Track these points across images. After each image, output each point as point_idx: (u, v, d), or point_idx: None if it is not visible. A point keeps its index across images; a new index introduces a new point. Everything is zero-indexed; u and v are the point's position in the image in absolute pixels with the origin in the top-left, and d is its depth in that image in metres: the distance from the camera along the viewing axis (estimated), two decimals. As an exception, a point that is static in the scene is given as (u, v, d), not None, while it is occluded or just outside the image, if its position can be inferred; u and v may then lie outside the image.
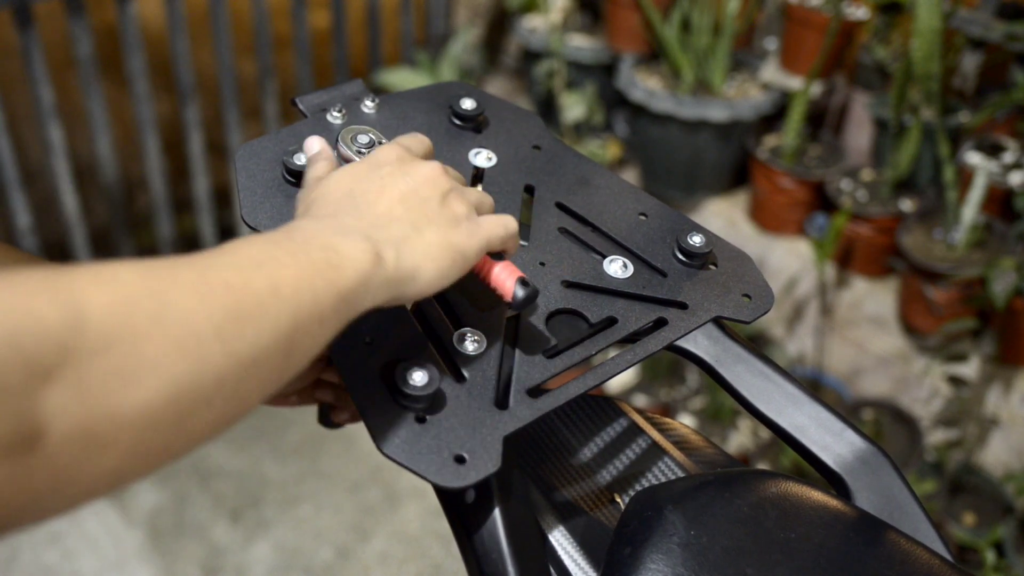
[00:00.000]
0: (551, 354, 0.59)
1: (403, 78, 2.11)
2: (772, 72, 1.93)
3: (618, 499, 0.64)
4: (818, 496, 0.56)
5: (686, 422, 1.72)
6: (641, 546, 0.52)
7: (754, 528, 0.53)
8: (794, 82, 1.88)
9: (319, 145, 0.59)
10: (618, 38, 2.03)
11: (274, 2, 2.30)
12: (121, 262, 0.38)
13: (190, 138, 1.97)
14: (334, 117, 0.69)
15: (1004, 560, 1.52)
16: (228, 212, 2.24)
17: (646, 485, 0.64)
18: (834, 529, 0.54)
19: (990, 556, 1.49)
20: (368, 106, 0.71)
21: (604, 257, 0.66)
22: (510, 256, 0.58)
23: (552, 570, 0.59)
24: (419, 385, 0.52)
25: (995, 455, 1.67)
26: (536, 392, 0.56)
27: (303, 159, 0.63)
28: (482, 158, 0.72)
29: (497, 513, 0.53)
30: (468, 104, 0.73)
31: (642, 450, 0.67)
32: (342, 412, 0.77)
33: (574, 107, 2.05)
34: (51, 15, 2.33)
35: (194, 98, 1.91)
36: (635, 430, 0.69)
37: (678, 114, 1.89)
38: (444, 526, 1.88)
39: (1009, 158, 1.68)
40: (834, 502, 0.56)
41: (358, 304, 0.48)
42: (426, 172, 0.55)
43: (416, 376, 0.52)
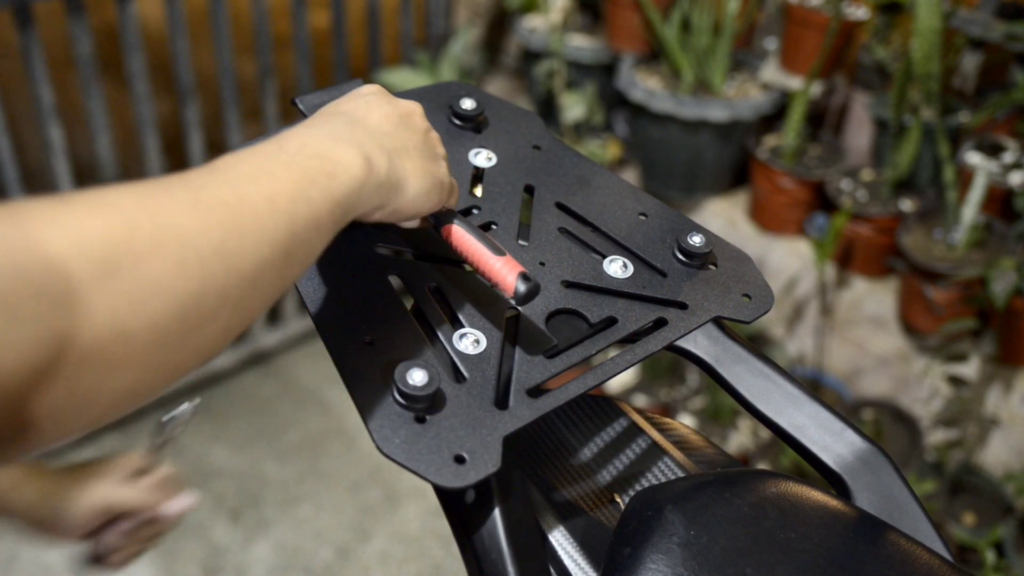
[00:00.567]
0: (551, 354, 0.59)
1: (403, 78, 2.11)
2: (772, 72, 1.93)
3: (618, 499, 0.64)
4: (818, 496, 0.56)
5: (686, 422, 1.72)
6: (641, 546, 0.52)
7: (754, 528, 0.53)
8: (794, 82, 1.87)
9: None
10: (618, 38, 2.03)
11: (274, 2, 2.30)
12: (117, 187, 0.39)
13: (190, 138, 1.97)
14: None
15: (1004, 560, 1.52)
16: (228, 212, 2.23)
17: (646, 485, 0.64)
18: (834, 529, 0.54)
19: (990, 556, 1.49)
20: None
21: (604, 257, 0.66)
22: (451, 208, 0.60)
23: (552, 570, 0.59)
24: (419, 385, 0.52)
25: (995, 455, 1.67)
26: (536, 392, 0.56)
27: None
28: (482, 158, 0.72)
29: (497, 513, 0.53)
30: (468, 104, 0.73)
31: (642, 450, 0.67)
32: (120, 554, 0.81)
33: (574, 107, 2.05)
34: (51, 15, 2.33)
35: (194, 98, 1.91)
36: (635, 430, 0.69)
37: (678, 114, 1.89)
38: (444, 526, 1.88)
39: (1009, 158, 1.68)
40: (834, 502, 0.56)
41: (352, 209, 0.49)
42: (410, 107, 0.59)
43: (416, 376, 0.52)
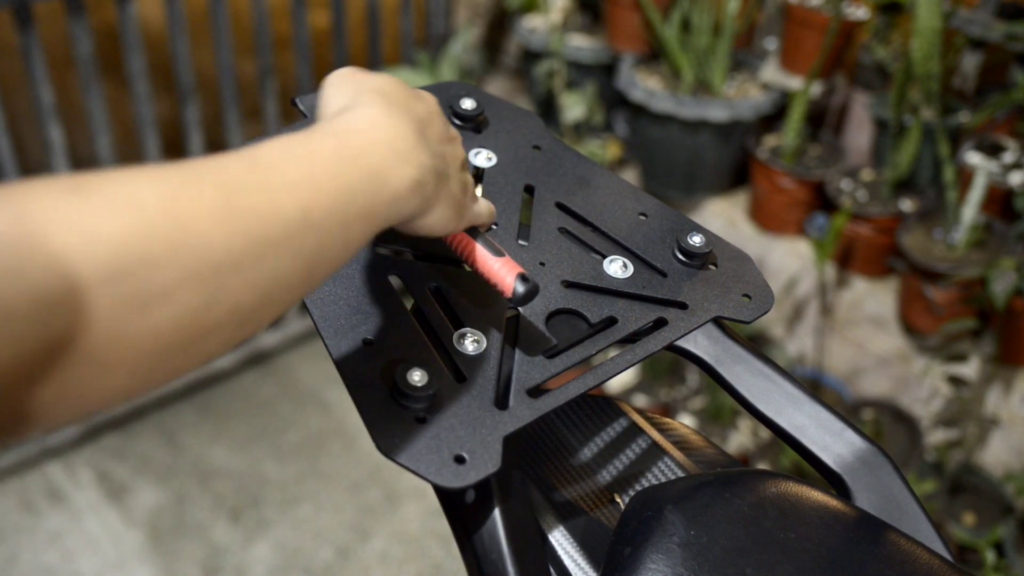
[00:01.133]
0: (551, 354, 0.59)
1: (403, 78, 2.10)
2: (772, 72, 1.93)
3: (618, 499, 0.64)
4: (818, 496, 0.56)
5: (686, 422, 1.72)
6: (641, 546, 0.52)
7: (754, 528, 0.53)
8: (794, 82, 1.87)
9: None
10: (618, 38, 2.03)
11: (274, 2, 2.30)
12: (143, 175, 0.36)
13: (190, 138, 1.97)
14: None
15: (1004, 560, 1.52)
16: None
17: (646, 485, 0.64)
18: (834, 529, 0.54)
19: (990, 556, 1.49)
20: None
21: (604, 257, 0.66)
22: (484, 229, 0.59)
23: (552, 570, 0.59)
24: (419, 385, 0.52)
25: (995, 455, 1.67)
26: (536, 392, 0.56)
27: None
28: (482, 158, 0.72)
29: (497, 513, 0.53)
30: (468, 104, 0.73)
31: (642, 450, 0.67)
32: None
33: (574, 107, 2.05)
34: (51, 15, 2.32)
35: (194, 98, 1.91)
36: (635, 430, 0.69)
37: (678, 114, 1.89)
38: (444, 526, 1.88)
39: (1009, 158, 1.68)
40: (834, 502, 0.56)
41: (382, 225, 0.47)
42: (455, 132, 0.56)
43: (416, 376, 0.52)
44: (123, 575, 1.76)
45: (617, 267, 0.65)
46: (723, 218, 2.03)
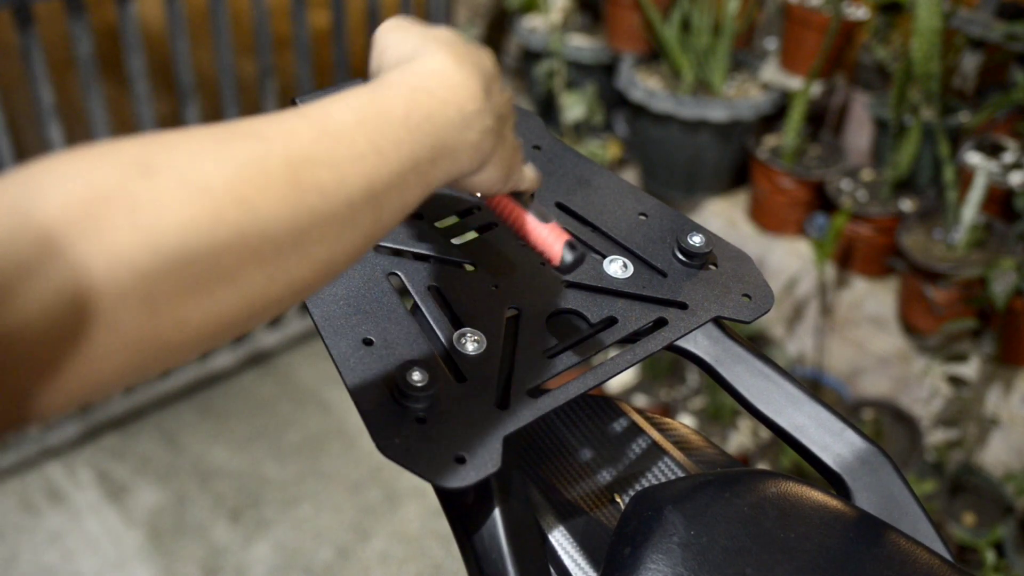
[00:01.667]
0: (551, 354, 0.59)
1: (403, 78, 2.10)
2: (772, 72, 1.93)
3: (618, 499, 0.64)
4: (818, 496, 0.56)
5: (686, 422, 1.72)
6: (641, 546, 0.52)
7: (754, 528, 0.53)
8: (794, 82, 1.87)
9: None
10: (618, 38, 2.03)
11: (274, 2, 2.30)
12: (208, 151, 0.35)
13: (190, 138, 1.96)
14: None
15: (1004, 560, 1.52)
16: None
17: (646, 485, 0.64)
18: (834, 529, 0.54)
19: (990, 556, 1.49)
20: None
21: (604, 257, 0.66)
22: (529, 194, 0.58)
23: (552, 570, 0.59)
24: (419, 385, 0.52)
25: (995, 455, 1.67)
26: (536, 392, 0.56)
27: None
28: (482, 158, 0.72)
29: (497, 513, 0.53)
30: (468, 104, 0.73)
31: (642, 450, 0.67)
32: None
33: (574, 107, 2.05)
34: (51, 15, 2.33)
35: (194, 98, 1.91)
36: (635, 430, 0.69)
37: (678, 114, 1.89)
38: (444, 526, 1.88)
39: (1009, 158, 1.68)
40: (834, 502, 0.56)
41: (436, 188, 0.46)
42: (510, 93, 0.54)
43: (416, 376, 0.52)
44: (123, 575, 1.76)
45: (617, 267, 0.65)
46: (723, 218, 2.03)
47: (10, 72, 2.58)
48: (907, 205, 1.78)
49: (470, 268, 0.64)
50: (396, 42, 0.50)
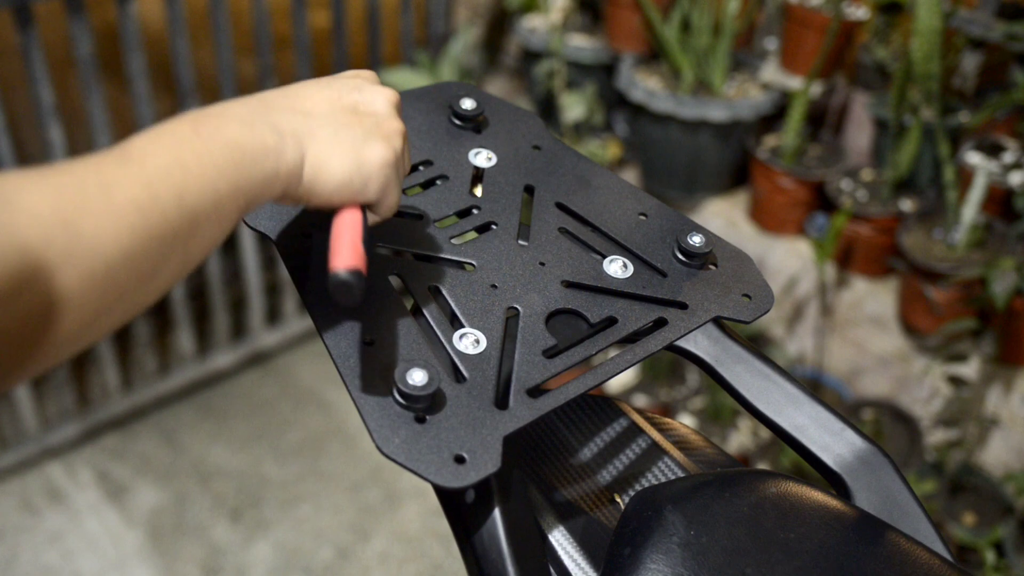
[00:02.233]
0: (551, 354, 0.59)
1: (403, 78, 2.11)
2: (772, 72, 1.93)
3: (618, 499, 0.64)
4: (818, 496, 0.56)
5: (686, 422, 1.72)
6: (641, 546, 0.52)
7: (754, 528, 0.53)
8: (794, 82, 1.87)
9: None
10: (618, 38, 2.03)
11: (274, 2, 2.30)
12: (32, 183, 0.39)
13: (190, 138, 1.96)
14: None
15: (1004, 560, 1.52)
16: (228, 212, 2.24)
17: (646, 485, 0.64)
18: (834, 529, 0.54)
19: (990, 556, 1.49)
20: None
21: (604, 257, 0.66)
22: (381, 218, 0.57)
23: (552, 570, 0.59)
24: (419, 385, 0.52)
25: (995, 455, 1.67)
26: (536, 392, 0.56)
27: None
28: (482, 158, 0.72)
29: (497, 513, 0.53)
30: (468, 104, 0.73)
31: (642, 450, 0.67)
32: None
33: (574, 107, 2.05)
34: (51, 15, 2.32)
35: (194, 98, 1.91)
36: (635, 430, 0.69)
37: (678, 114, 1.89)
38: (444, 526, 1.88)
39: (1009, 158, 1.68)
40: (834, 502, 0.56)
41: (257, 198, 0.49)
42: (373, 97, 0.56)
43: (416, 376, 0.52)
44: (123, 575, 1.76)
45: (617, 267, 0.65)
46: (723, 218, 2.03)
47: (10, 72, 2.58)
48: (907, 205, 1.78)
49: (470, 268, 0.64)
50: None
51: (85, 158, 0.43)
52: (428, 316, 0.59)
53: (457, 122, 0.74)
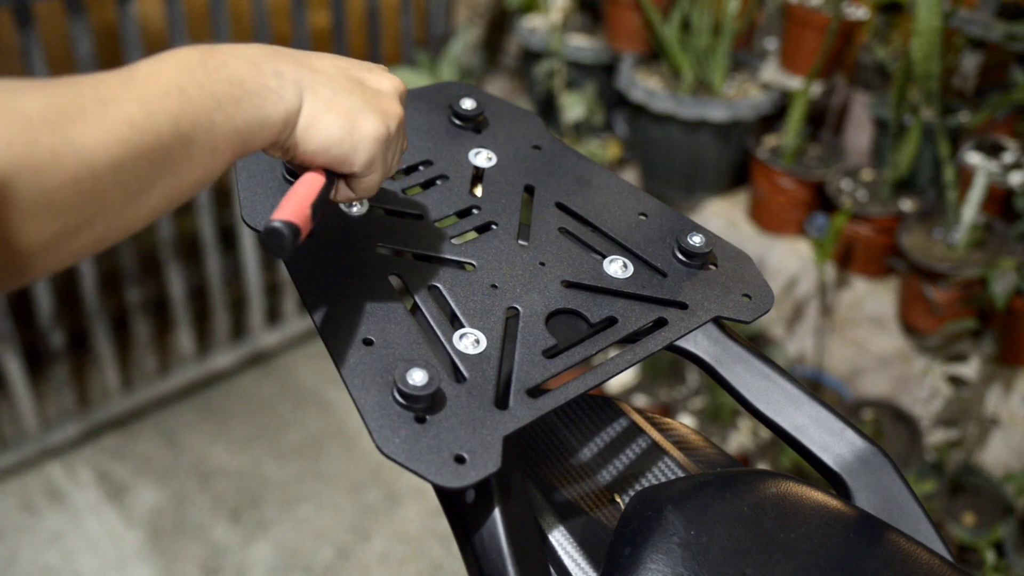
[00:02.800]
0: (551, 354, 0.59)
1: (403, 78, 2.11)
2: (772, 72, 1.93)
3: (618, 499, 0.64)
4: (818, 496, 0.56)
5: (686, 422, 1.72)
6: (641, 546, 0.52)
7: (754, 528, 0.53)
8: (794, 82, 1.87)
9: None
10: (618, 38, 2.03)
11: (274, 2, 2.30)
12: (29, 87, 0.40)
13: (190, 138, 1.96)
14: None
15: (1004, 560, 1.52)
16: (228, 212, 2.24)
17: (646, 485, 0.64)
18: (834, 529, 0.54)
19: (990, 556, 1.49)
20: None
21: (604, 257, 0.66)
22: (358, 194, 0.57)
23: (552, 570, 0.59)
24: (419, 385, 0.52)
25: (995, 455, 1.67)
26: (536, 392, 0.56)
27: None
28: (482, 158, 0.72)
29: (497, 513, 0.53)
30: (468, 104, 0.73)
31: (642, 450, 0.67)
32: None
33: (574, 107, 2.05)
34: (51, 15, 2.33)
35: (194, 98, 1.91)
36: (635, 430, 0.69)
37: (678, 114, 1.89)
38: (444, 526, 1.88)
39: (1009, 158, 1.68)
40: (834, 502, 0.56)
41: (252, 140, 0.49)
42: (382, 81, 0.57)
43: (416, 376, 0.52)
44: (123, 575, 1.76)
45: (617, 267, 0.65)
46: (723, 218, 2.03)
47: (10, 72, 2.58)
48: (907, 205, 1.78)
49: (470, 268, 0.64)
50: None
51: (92, 74, 0.44)
52: (428, 316, 0.59)
53: (457, 122, 0.74)
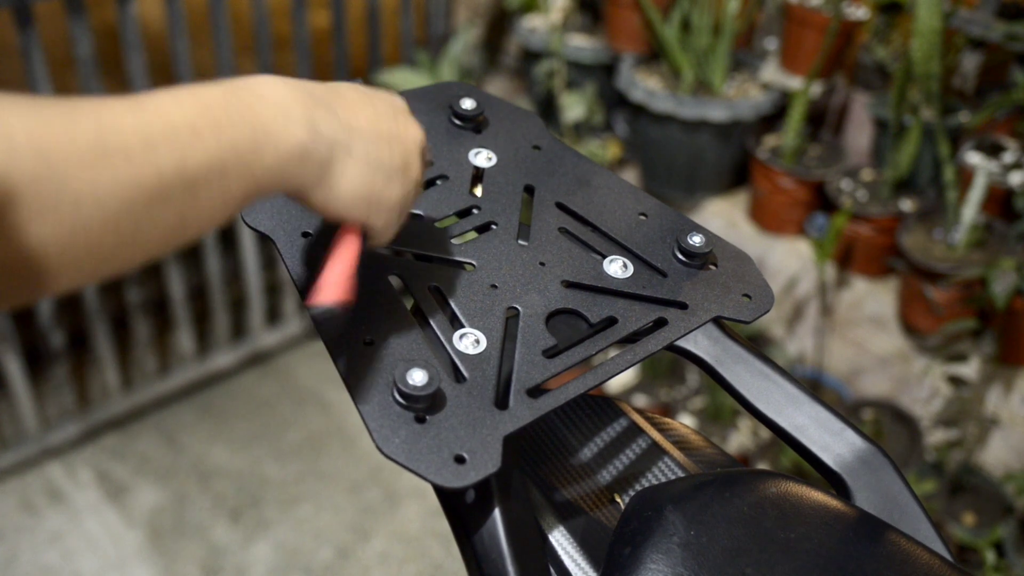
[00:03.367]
0: (551, 354, 0.59)
1: (403, 78, 2.11)
2: (772, 72, 1.93)
3: (618, 499, 0.64)
4: (818, 496, 0.56)
5: (686, 422, 1.72)
6: (641, 546, 0.52)
7: (754, 528, 0.53)
8: (794, 82, 1.87)
9: None
10: (618, 38, 2.03)
11: (274, 2, 2.30)
12: (19, 105, 0.36)
13: (190, 138, 1.96)
14: None
15: (1004, 560, 1.52)
16: (228, 212, 2.24)
17: (646, 485, 0.64)
18: (834, 529, 0.54)
19: (990, 556, 1.49)
20: None
21: (604, 257, 0.66)
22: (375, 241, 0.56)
23: (552, 570, 0.59)
24: (419, 385, 0.52)
25: (995, 455, 1.67)
26: (536, 392, 0.56)
27: None
28: (482, 158, 0.72)
29: (497, 513, 0.53)
30: (468, 104, 0.73)
31: (642, 450, 0.67)
32: None
33: (574, 107, 2.05)
34: (51, 15, 2.32)
35: (194, 98, 1.91)
36: (635, 430, 0.69)
37: (678, 114, 1.89)
38: (444, 526, 1.88)
39: (1009, 158, 1.68)
40: (834, 502, 0.56)
41: (269, 189, 0.46)
42: (410, 132, 0.55)
43: (416, 376, 0.52)
44: (123, 575, 1.76)
45: (617, 267, 0.65)
46: (723, 218, 2.03)
47: (10, 72, 2.58)
48: (907, 205, 1.78)
49: (470, 268, 0.64)
50: None
51: (100, 98, 0.40)
52: (428, 316, 0.59)
53: (457, 122, 0.74)
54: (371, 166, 0.51)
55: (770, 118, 1.98)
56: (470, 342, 0.58)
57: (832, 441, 0.60)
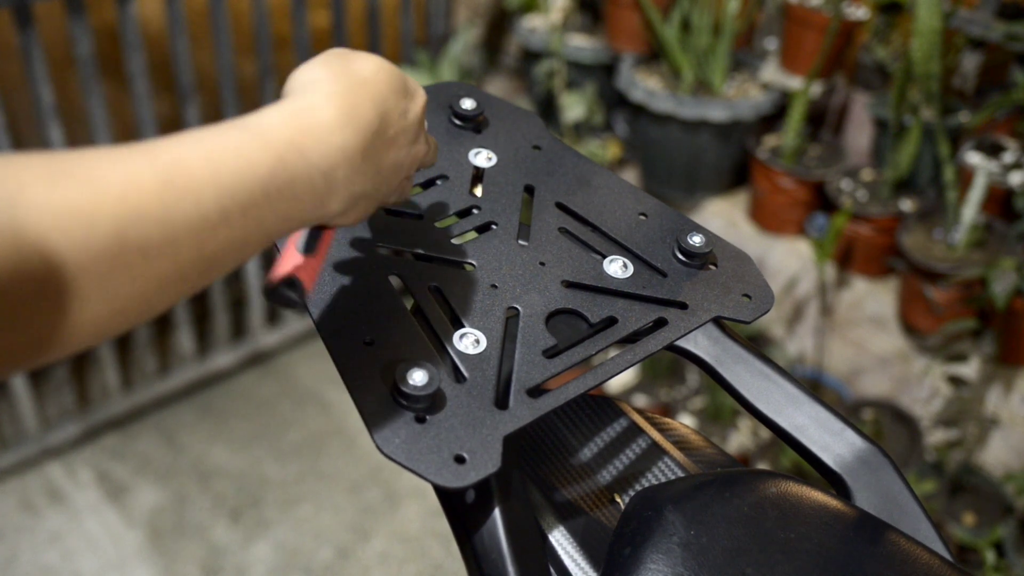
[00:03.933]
0: (551, 354, 0.59)
1: (403, 78, 2.10)
2: (772, 72, 1.93)
3: (618, 499, 0.64)
4: (818, 496, 0.56)
5: (686, 422, 1.72)
6: (641, 546, 0.52)
7: (754, 528, 0.53)
8: (794, 82, 1.87)
9: None
10: (618, 38, 2.03)
11: (274, 2, 2.30)
12: (38, 180, 0.33)
13: (190, 138, 1.96)
14: None
15: (1004, 560, 1.52)
16: (228, 212, 2.24)
17: (646, 485, 0.64)
18: (834, 529, 0.54)
19: (990, 556, 1.49)
20: None
21: (604, 257, 0.66)
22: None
23: (552, 570, 0.59)
24: (419, 385, 0.52)
25: (995, 455, 1.67)
26: (536, 392, 0.56)
27: None
28: (482, 158, 0.72)
29: (497, 513, 0.53)
30: (468, 104, 0.73)
31: (642, 450, 0.67)
32: None
33: (574, 107, 2.05)
34: (51, 15, 2.32)
35: (194, 98, 1.91)
36: (635, 430, 0.69)
37: (678, 114, 1.89)
38: (444, 526, 1.88)
39: (1009, 158, 1.68)
40: (834, 502, 0.56)
41: (300, 228, 0.47)
42: (420, 151, 0.56)
43: (416, 376, 0.52)
44: (123, 575, 1.76)
45: (617, 267, 0.65)
46: (723, 218, 2.03)
47: (10, 72, 2.58)
48: (907, 205, 1.78)
49: (470, 268, 0.64)
50: (308, 68, 0.48)
51: (125, 157, 0.36)
52: (428, 316, 0.59)
53: (457, 122, 0.74)
54: (364, 197, 0.51)
55: (770, 118, 1.98)
56: (470, 342, 0.58)
57: (832, 441, 0.60)
